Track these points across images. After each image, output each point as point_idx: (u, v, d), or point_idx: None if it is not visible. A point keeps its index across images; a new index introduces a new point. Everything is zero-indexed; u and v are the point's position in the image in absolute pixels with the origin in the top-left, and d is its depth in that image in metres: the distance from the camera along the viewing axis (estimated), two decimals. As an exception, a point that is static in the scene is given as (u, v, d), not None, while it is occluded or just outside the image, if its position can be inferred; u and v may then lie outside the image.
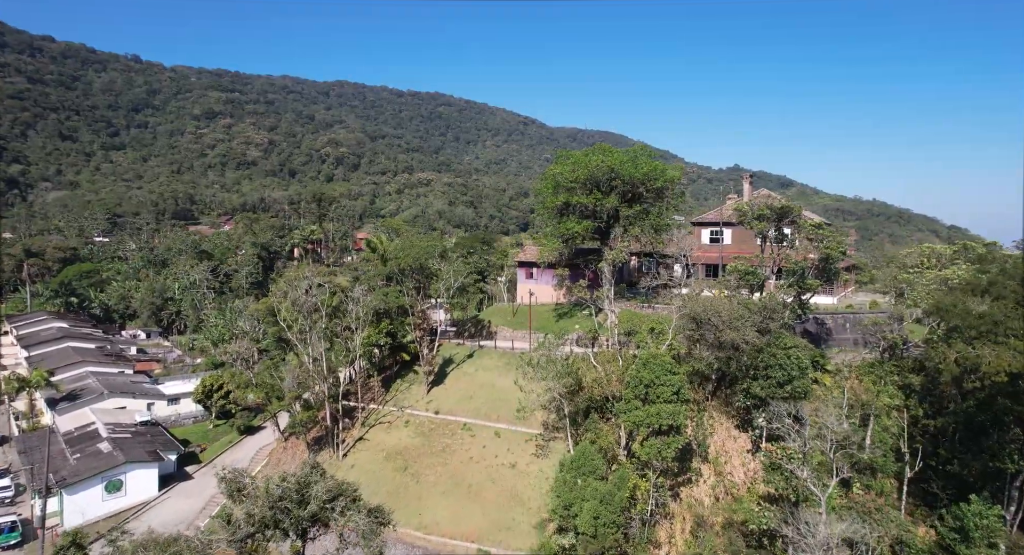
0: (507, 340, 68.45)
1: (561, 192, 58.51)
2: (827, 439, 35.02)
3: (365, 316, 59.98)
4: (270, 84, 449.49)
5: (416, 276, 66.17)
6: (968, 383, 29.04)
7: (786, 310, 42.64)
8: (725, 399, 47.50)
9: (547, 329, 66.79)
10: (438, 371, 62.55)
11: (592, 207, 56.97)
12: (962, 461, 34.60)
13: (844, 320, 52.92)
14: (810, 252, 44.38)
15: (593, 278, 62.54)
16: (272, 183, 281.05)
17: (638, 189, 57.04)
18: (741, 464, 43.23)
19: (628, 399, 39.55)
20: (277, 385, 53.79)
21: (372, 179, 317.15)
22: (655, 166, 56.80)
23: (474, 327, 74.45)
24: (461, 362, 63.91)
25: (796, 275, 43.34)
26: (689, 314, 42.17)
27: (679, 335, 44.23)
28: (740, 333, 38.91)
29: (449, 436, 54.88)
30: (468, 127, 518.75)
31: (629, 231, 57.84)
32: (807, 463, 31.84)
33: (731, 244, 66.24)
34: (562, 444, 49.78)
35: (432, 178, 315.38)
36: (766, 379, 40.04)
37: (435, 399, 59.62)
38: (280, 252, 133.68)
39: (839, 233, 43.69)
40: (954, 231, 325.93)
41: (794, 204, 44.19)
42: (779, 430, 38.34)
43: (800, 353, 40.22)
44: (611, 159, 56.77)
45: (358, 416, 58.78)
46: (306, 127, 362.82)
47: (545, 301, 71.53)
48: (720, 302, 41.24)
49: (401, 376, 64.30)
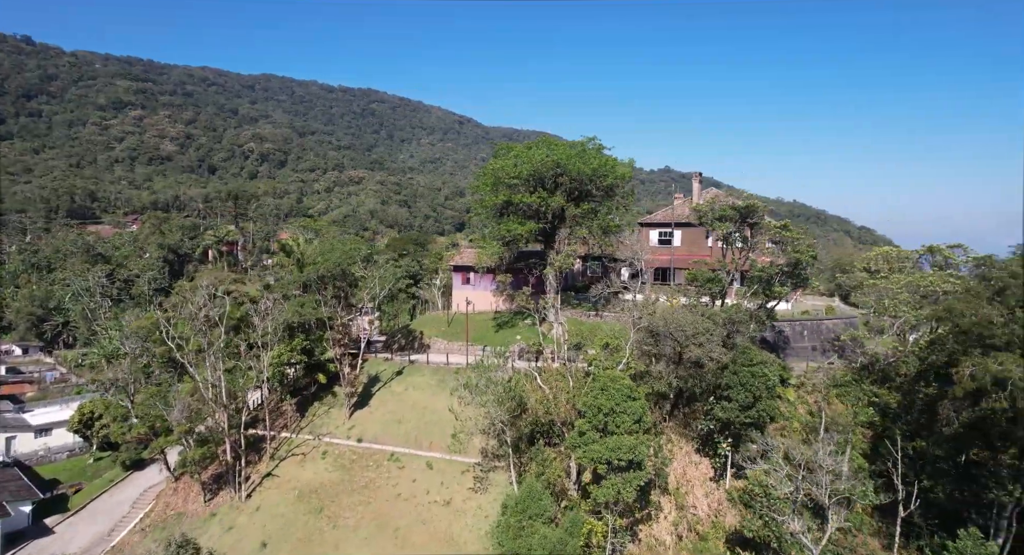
0: (441, 353, 61.84)
1: (502, 189, 52.47)
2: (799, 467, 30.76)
3: (276, 331, 51.82)
4: (188, 75, 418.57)
5: (338, 283, 58.32)
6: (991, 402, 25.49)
7: (752, 321, 38.43)
8: (684, 419, 42.88)
9: (486, 340, 60.68)
10: (362, 391, 55.12)
11: (536, 206, 51.28)
12: (947, 489, 31.15)
13: (802, 327, 49.75)
14: (778, 257, 40.38)
15: (537, 284, 56.96)
16: (189, 180, 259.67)
17: (586, 187, 51.83)
18: (704, 495, 38.57)
19: (584, 430, 33.88)
20: (163, 417, 44.77)
21: (300, 177, 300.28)
22: (605, 161, 51.77)
23: (405, 339, 67.28)
24: (389, 380, 56.69)
25: (761, 282, 39.20)
26: (647, 327, 37.09)
27: (635, 350, 39.12)
28: (705, 350, 34.19)
29: (373, 469, 47.66)
30: (402, 125, 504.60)
31: (576, 232, 52.53)
32: (795, 509, 27.13)
33: (681, 246, 62.40)
34: (504, 475, 43.73)
35: (364, 176, 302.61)
36: (730, 401, 35.47)
37: (358, 424, 52.20)
38: (191, 254, 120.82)
39: (807, 235, 40.05)
40: (864, 231, 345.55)
41: (758, 202, 40.21)
42: (746, 460, 33.88)
43: (767, 369, 35.96)
44: (557, 153, 51.27)
45: (267, 448, 50.38)
46: (228, 121, 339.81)
47: (484, 309, 65.33)
48: (682, 314, 36.41)
49: (319, 398, 56.31)
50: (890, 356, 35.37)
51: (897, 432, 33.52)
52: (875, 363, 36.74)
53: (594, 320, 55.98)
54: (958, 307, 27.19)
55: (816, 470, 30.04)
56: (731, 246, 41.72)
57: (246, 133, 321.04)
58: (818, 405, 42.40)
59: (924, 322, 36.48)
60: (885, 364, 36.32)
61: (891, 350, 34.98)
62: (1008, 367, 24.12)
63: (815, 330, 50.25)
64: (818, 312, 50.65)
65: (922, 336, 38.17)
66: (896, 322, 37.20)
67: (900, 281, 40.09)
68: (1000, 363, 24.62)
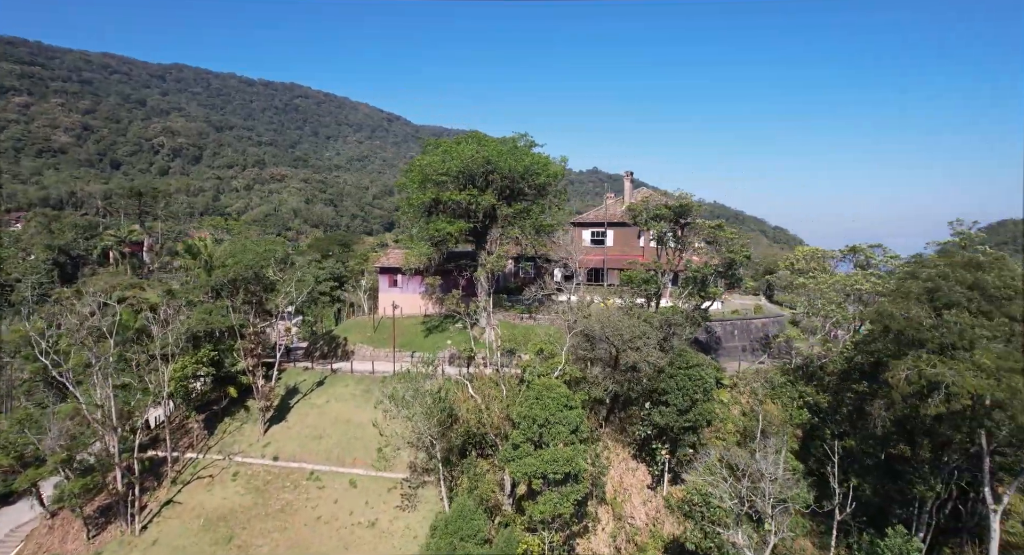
0: (367, 360, 58.19)
1: (430, 187, 49.62)
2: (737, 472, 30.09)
3: (178, 341, 46.65)
4: (86, 61, 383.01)
5: (252, 287, 53.49)
6: (929, 408, 25.49)
7: (688, 323, 37.79)
8: (620, 424, 41.78)
9: (415, 346, 57.67)
10: (279, 404, 50.80)
11: (466, 205, 48.81)
12: (873, 486, 31.49)
13: (732, 327, 50.11)
14: (713, 257, 39.99)
15: (468, 286, 54.56)
16: (87, 175, 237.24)
17: (518, 185, 49.92)
18: (642, 503, 37.51)
19: (518, 442, 31.82)
20: (33, 445, 38.83)
21: (216, 173, 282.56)
22: (537, 159, 50.07)
23: (328, 346, 62.95)
24: (309, 391, 52.52)
25: (696, 282, 38.65)
26: (583, 331, 35.56)
27: (570, 355, 37.51)
28: (642, 354, 33.02)
29: (291, 489, 43.66)
30: (328, 122, 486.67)
31: (508, 232, 50.53)
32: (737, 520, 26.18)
33: (614, 246, 61.85)
34: (433, 490, 41.05)
35: (287, 174, 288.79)
36: (668, 406, 34.53)
37: (274, 441, 47.90)
38: (87, 256, 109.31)
39: (740, 235, 39.95)
40: (778, 231, 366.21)
41: (692, 202, 39.71)
42: (683, 466, 32.99)
43: (704, 372, 35.30)
44: (487, 149, 49.03)
45: (167, 472, 45.10)
46: (134, 113, 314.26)
47: (413, 312, 62.16)
48: (619, 317, 35.13)
49: (231, 413, 51.33)
50: (822, 356, 35.71)
51: (827, 431, 33.74)
52: (808, 364, 37.03)
53: (528, 323, 54.24)
54: (888, 309, 27.32)
55: (754, 476, 29.41)
56: (665, 246, 41.07)
57: (155, 126, 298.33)
58: (751, 405, 42.51)
59: (850, 321, 37.22)
60: (816, 365, 36.65)
61: (824, 350, 35.28)
62: (941, 370, 24.22)
63: (745, 329, 50.78)
64: (747, 311, 51.29)
65: (851, 335, 39.05)
66: (827, 322, 37.74)
67: (827, 281, 40.88)
68: (933, 366, 24.74)
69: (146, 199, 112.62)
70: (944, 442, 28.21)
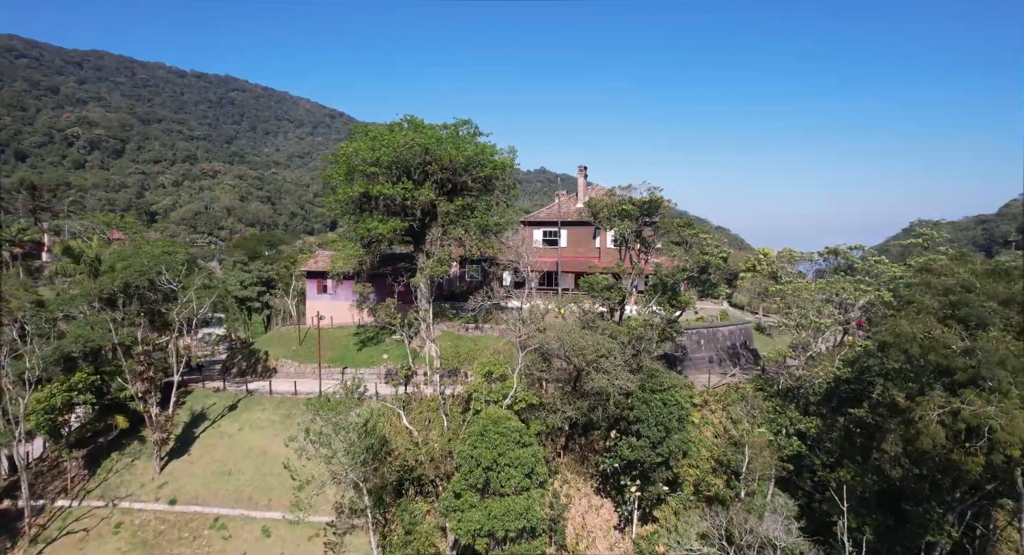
0: (291, 378, 50.86)
1: (358, 179, 42.76)
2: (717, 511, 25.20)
3: (48, 363, 38.36)
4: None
5: (151, 296, 45.31)
6: (967, 463, 20.85)
7: (660, 340, 32.74)
8: (581, 453, 36.37)
9: (347, 361, 50.68)
10: (182, 434, 43.16)
11: (400, 200, 42.26)
12: (876, 530, 27.06)
13: (699, 336, 45.67)
14: (683, 259, 34.88)
15: (407, 293, 47.98)
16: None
17: (460, 178, 43.77)
18: (608, 548, 32.13)
19: (459, 490, 25.81)
20: None
21: (141, 168, 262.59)
22: (482, 148, 44.02)
23: (247, 361, 55.01)
24: (219, 417, 44.88)
25: (665, 289, 33.59)
26: (538, 349, 29.90)
27: (524, 376, 31.76)
28: (610, 377, 27.68)
29: (188, 542, 36.26)
30: (267, 116, 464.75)
31: (451, 233, 44.28)
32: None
33: (567, 246, 56.64)
34: (363, 538, 34.51)
35: (220, 170, 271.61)
36: (639, 437, 29.31)
37: (173, 480, 40.21)
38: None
39: (713, 235, 35.12)
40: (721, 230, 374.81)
41: (661, 197, 34.58)
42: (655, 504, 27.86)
43: (678, 395, 30.30)
44: (425, 137, 42.61)
45: (25, 528, 36.57)
46: (44, 100, 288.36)
47: (345, 322, 55.03)
48: (579, 332, 29.66)
49: (120, 447, 43.11)
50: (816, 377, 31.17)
51: (817, 461, 29.36)
52: (800, 386, 32.37)
53: (475, 334, 48.24)
54: (906, 329, 22.75)
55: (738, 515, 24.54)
56: (630, 248, 35.78)
57: (69, 115, 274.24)
58: (723, 425, 38.03)
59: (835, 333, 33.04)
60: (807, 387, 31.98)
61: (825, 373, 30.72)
62: (984, 412, 19.69)
63: (711, 338, 46.49)
64: (713, 318, 47.11)
65: (831, 347, 35.04)
66: (818, 336, 33.25)
67: (808, 287, 36.57)
68: (969, 403, 20.24)
69: (42, 193, 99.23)
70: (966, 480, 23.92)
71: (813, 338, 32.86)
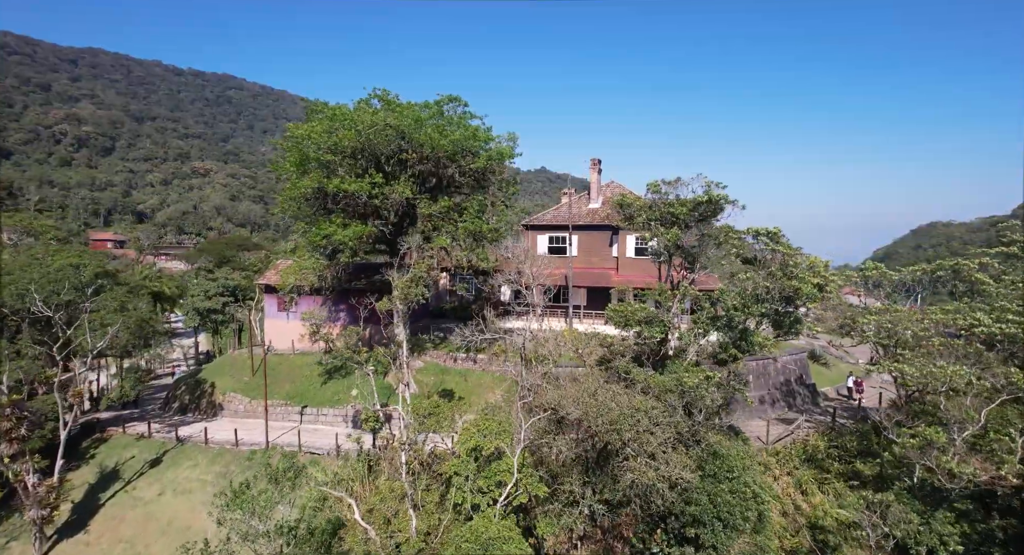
0: (239, 418, 41.53)
1: (312, 170, 33.08)
2: None
3: None
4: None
5: (56, 319, 35.77)
6: None
7: (725, 402, 22.85)
8: (604, 540, 26.63)
9: (307, 397, 41.05)
10: (84, 500, 33.77)
11: (368, 199, 32.56)
12: None
13: (747, 371, 35.89)
14: (764, 285, 24.56)
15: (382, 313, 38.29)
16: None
17: (446, 170, 34.10)
18: None
19: None
20: None
21: (130, 166, 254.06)
22: (473, 133, 34.20)
23: (191, 393, 45.52)
24: (135, 477, 35.33)
25: (731, 327, 23.40)
26: (552, 415, 20.28)
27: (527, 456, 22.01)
28: (664, 470, 18.05)
29: None
30: (265, 115, 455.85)
31: (434, 240, 34.53)
32: None
33: (578, 255, 46.94)
34: None
35: (212, 168, 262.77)
36: (697, 548, 19.63)
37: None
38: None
39: (796, 252, 24.92)
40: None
41: (724, 195, 24.41)
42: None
43: (750, 478, 20.58)
44: (400, 117, 32.80)
45: None
46: (33, 97, 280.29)
47: (308, 348, 45.39)
48: (608, 389, 19.99)
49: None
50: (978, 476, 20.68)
51: None
52: (979, 491, 20.79)
53: (465, 366, 38.61)
54: None
55: None
56: (672, 265, 25.64)
57: (57, 113, 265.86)
58: (791, 497, 28.37)
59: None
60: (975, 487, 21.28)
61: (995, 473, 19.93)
62: None
63: (762, 373, 36.78)
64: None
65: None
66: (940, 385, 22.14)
67: (906, 316, 26.22)
68: None
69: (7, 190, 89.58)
70: None
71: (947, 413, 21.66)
